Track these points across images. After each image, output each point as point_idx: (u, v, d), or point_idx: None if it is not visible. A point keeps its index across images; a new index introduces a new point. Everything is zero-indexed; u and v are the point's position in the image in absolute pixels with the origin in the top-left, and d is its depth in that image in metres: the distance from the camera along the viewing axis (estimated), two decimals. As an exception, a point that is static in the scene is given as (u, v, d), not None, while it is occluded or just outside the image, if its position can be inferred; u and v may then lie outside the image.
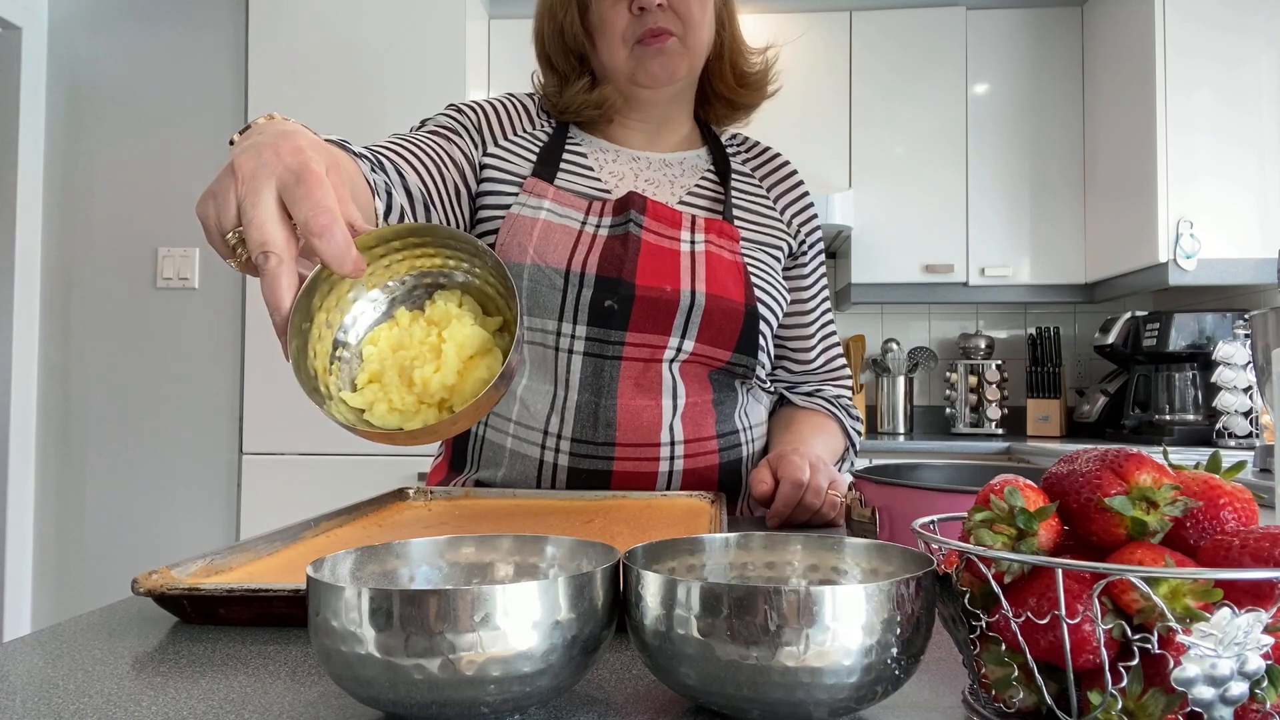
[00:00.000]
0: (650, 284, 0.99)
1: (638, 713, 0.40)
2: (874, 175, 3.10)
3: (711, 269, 1.02)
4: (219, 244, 0.57)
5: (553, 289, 0.98)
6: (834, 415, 1.17)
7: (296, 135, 0.57)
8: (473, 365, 0.62)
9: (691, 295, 1.00)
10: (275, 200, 0.54)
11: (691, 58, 1.05)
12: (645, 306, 0.98)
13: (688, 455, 1.01)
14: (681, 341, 1.00)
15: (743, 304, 1.03)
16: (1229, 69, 2.63)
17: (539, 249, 0.99)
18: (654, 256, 1.00)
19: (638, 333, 0.98)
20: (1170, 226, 2.64)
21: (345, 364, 0.63)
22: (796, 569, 0.47)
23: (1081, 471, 0.37)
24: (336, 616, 0.36)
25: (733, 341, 1.03)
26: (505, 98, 1.12)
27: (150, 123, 2.94)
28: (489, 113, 1.08)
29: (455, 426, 0.60)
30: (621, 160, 1.11)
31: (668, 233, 1.03)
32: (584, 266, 0.98)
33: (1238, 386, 2.41)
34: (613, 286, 0.98)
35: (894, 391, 3.26)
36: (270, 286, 0.54)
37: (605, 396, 0.99)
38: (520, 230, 1.00)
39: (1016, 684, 0.36)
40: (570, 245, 1.00)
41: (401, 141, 0.98)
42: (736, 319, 1.02)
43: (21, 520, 2.87)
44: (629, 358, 0.99)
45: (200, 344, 2.90)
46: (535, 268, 0.98)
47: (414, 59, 2.79)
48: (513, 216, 1.02)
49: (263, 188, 0.54)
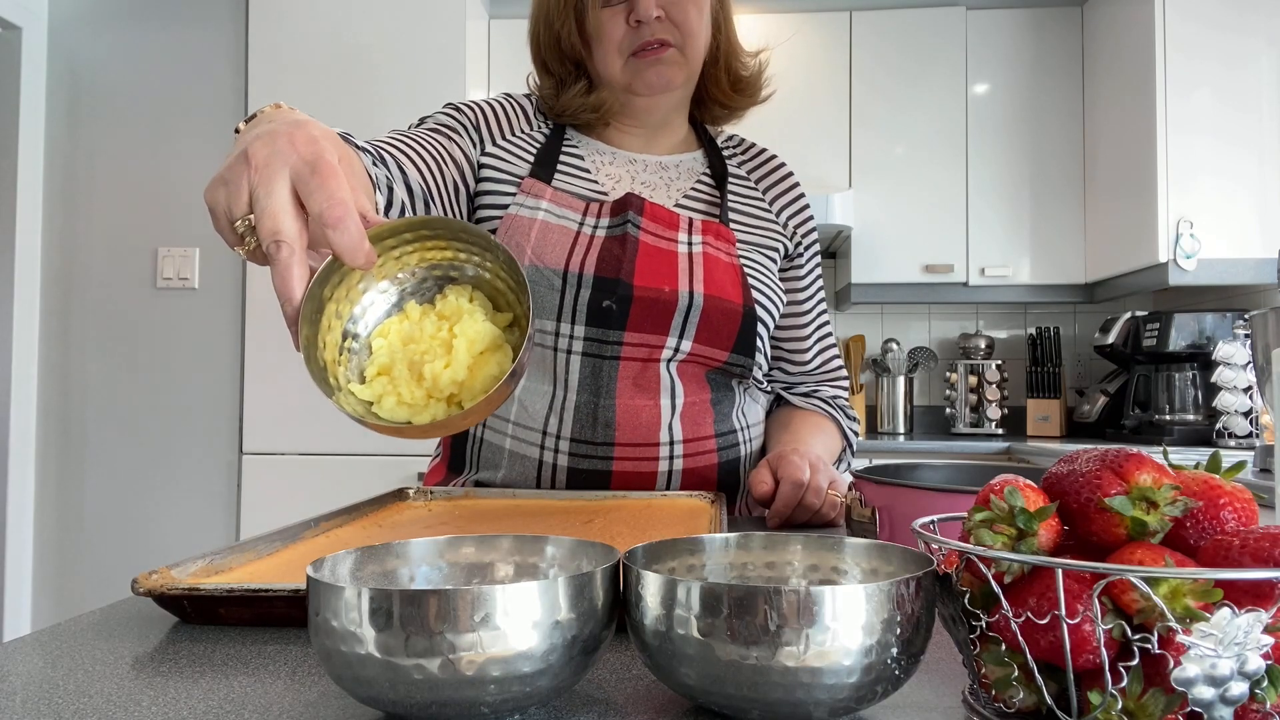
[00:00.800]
0: (648, 284, 0.99)
1: (638, 713, 0.40)
2: (874, 175, 3.10)
3: (709, 270, 1.02)
4: (227, 231, 0.56)
5: (551, 289, 0.98)
6: (831, 416, 1.17)
7: (309, 125, 0.57)
8: (483, 361, 0.62)
9: (690, 296, 1.00)
10: (289, 189, 0.54)
11: (689, 66, 1.05)
12: (643, 307, 0.98)
13: (687, 455, 1.01)
14: (679, 341, 1.00)
15: (740, 305, 1.03)
16: (1229, 69, 2.63)
17: (537, 249, 0.99)
18: (652, 257, 1.00)
19: (636, 332, 0.98)
20: (1170, 226, 2.64)
21: (354, 355, 0.63)
22: (796, 569, 0.47)
23: (1081, 471, 0.37)
24: (336, 616, 0.36)
25: (730, 342, 1.03)
26: (503, 98, 1.12)
27: (150, 123, 2.94)
28: (487, 112, 1.08)
29: (465, 421, 0.60)
30: (618, 163, 1.11)
31: (665, 234, 1.03)
32: (582, 267, 0.98)
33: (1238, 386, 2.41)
34: (611, 287, 0.98)
35: (894, 391, 3.27)
36: (282, 276, 0.54)
37: (604, 396, 0.99)
38: (518, 230, 1.00)
39: (1016, 684, 0.36)
40: (568, 246, 1.00)
41: (402, 137, 0.98)
42: (734, 320, 1.02)
43: (21, 520, 2.87)
44: (627, 358, 0.99)
45: (200, 344, 2.90)
46: (533, 268, 0.98)
47: (414, 59, 2.79)
48: (510, 217, 1.02)
49: (276, 176, 0.54)
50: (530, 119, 1.11)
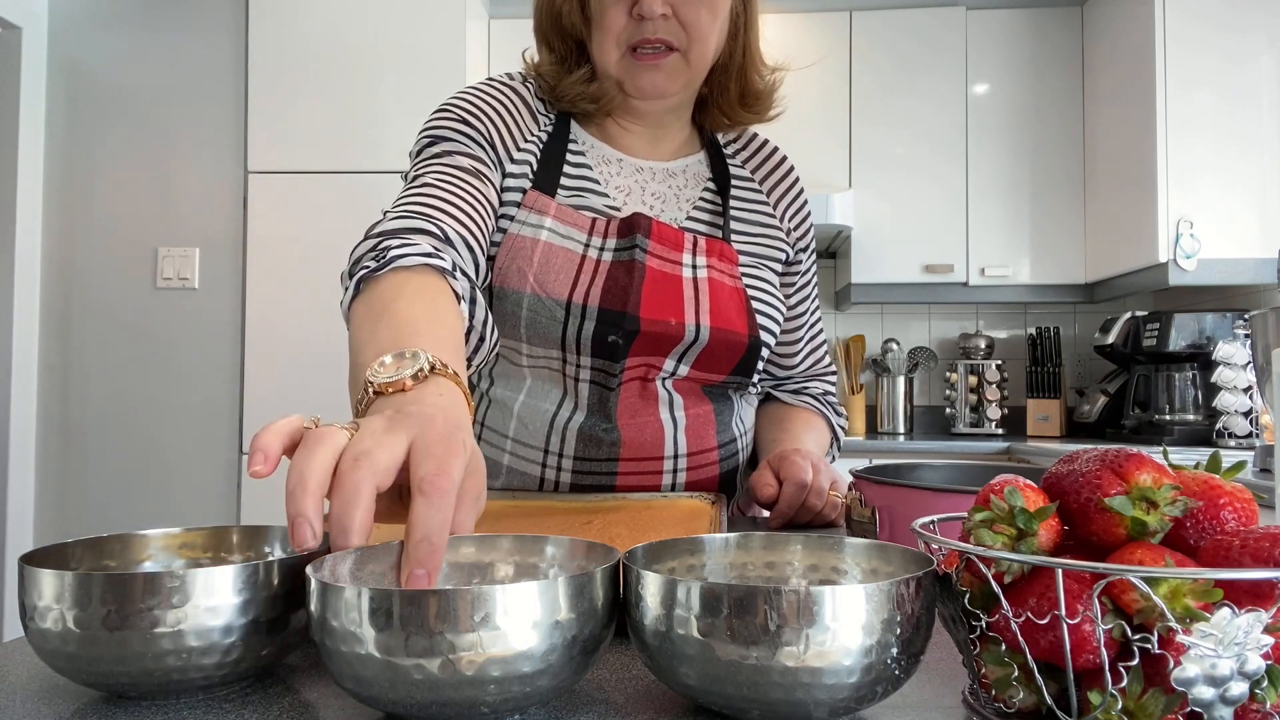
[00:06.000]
0: (655, 317, 0.95)
1: (638, 713, 0.40)
2: (874, 175, 3.09)
3: (715, 299, 0.99)
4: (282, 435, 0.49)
5: (553, 320, 0.94)
6: (820, 413, 1.17)
7: (444, 413, 0.52)
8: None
9: (696, 330, 0.97)
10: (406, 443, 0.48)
11: (691, 73, 0.99)
12: (648, 340, 0.96)
13: (690, 468, 1.00)
14: (677, 366, 0.99)
15: (746, 335, 1.00)
16: (1229, 68, 2.63)
17: (539, 277, 0.94)
18: (658, 284, 0.97)
19: (636, 356, 0.97)
20: (1170, 226, 2.64)
21: None
22: (796, 569, 0.47)
23: (1081, 471, 0.37)
24: (336, 616, 0.36)
25: (730, 368, 1.01)
26: (505, 95, 1.03)
27: (150, 123, 2.94)
28: (499, 125, 1.00)
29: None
30: (626, 172, 1.05)
31: (671, 256, 0.99)
32: (586, 299, 0.94)
33: (1238, 386, 2.41)
34: (617, 320, 0.94)
35: (894, 391, 3.26)
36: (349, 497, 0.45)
37: (609, 417, 0.97)
38: (520, 254, 0.95)
39: (1016, 684, 0.36)
40: (573, 274, 0.95)
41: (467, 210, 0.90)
42: (739, 350, 1.00)
43: (21, 520, 2.87)
44: (628, 379, 0.98)
45: (200, 344, 2.90)
46: (534, 298, 0.93)
47: (414, 59, 2.79)
48: (512, 237, 0.96)
49: (402, 426, 0.48)
50: (535, 116, 1.03)
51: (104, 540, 0.48)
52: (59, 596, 0.39)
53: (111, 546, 0.49)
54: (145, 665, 0.39)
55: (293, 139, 2.81)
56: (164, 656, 0.39)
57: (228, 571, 0.41)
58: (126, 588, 0.39)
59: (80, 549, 0.47)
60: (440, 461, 0.46)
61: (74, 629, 0.39)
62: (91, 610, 0.39)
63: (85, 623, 0.39)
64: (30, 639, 0.41)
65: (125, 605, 0.39)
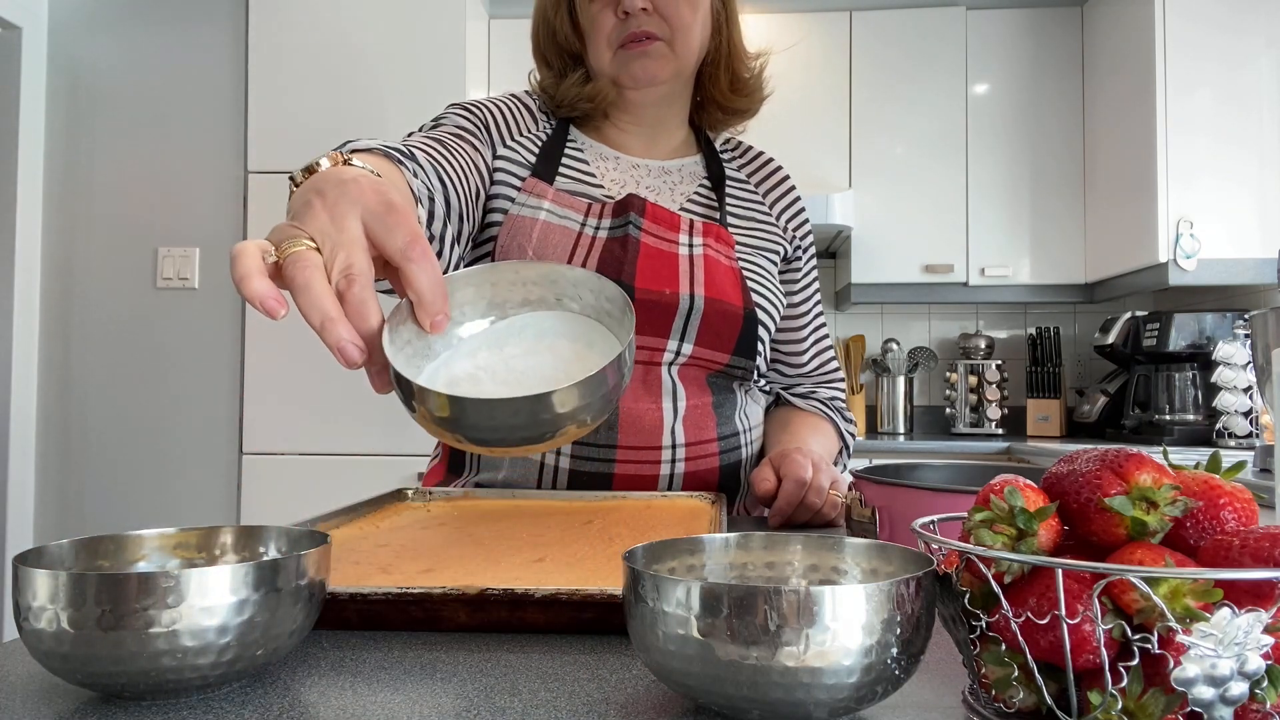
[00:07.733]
0: (649, 287, 0.98)
1: (638, 713, 0.40)
2: (874, 175, 3.10)
3: (710, 273, 1.02)
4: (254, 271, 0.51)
5: None
6: (829, 418, 1.18)
7: (370, 176, 0.57)
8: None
9: (691, 299, 1.00)
10: (361, 227, 0.53)
11: (678, 61, 1.05)
12: (644, 309, 0.98)
13: (689, 458, 1.01)
14: (680, 344, 1.00)
15: (741, 307, 1.03)
16: (1229, 69, 2.63)
17: (538, 250, 0.99)
18: (653, 259, 1.00)
19: (637, 335, 0.98)
20: (1170, 226, 2.64)
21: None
22: (796, 569, 0.47)
23: (1081, 471, 0.37)
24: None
25: (731, 345, 1.03)
26: (508, 99, 1.11)
27: (150, 123, 2.94)
28: (496, 114, 1.08)
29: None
30: (621, 168, 1.11)
31: (666, 235, 1.03)
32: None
33: (1238, 386, 2.41)
34: None
35: (894, 391, 3.27)
36: (358, 311, 0.50)
37: None
38: (520, 232, 1.00)
39: (1016, 684, 0.36)
40: (569, 247, 1.00)
41: (433, 144, 0.94)
42: (735, 323, 1.02)
43: (21, 519, 2.87)
44: None
45: (200, 344, 2.90)
46: None
47: (414, 59, 2.79)
48: (512, 218, 1.01)
49: (349, 214, 0.53)
50: (536, 118, 1.11)
51: (98, 540, 0.48)
52: (53, 597, 0.39)
53: (106, 546, 0.49)
54: (140, 665, 0.39)
55: (293, 139, 2.81)
56: (159, 657, 0.39)
57: (223, 571, 0.41)
58: (121, 588, 0.39)
59: (74, 549, 0.47)
60: (403, 228, 0.53)
61: (68, 629, 0.39)
62: (86, 610, 0.39)
63: (79, 623, 0.39)
64: (25, 640, 0.41)
65: (120, 605, 0.39)
